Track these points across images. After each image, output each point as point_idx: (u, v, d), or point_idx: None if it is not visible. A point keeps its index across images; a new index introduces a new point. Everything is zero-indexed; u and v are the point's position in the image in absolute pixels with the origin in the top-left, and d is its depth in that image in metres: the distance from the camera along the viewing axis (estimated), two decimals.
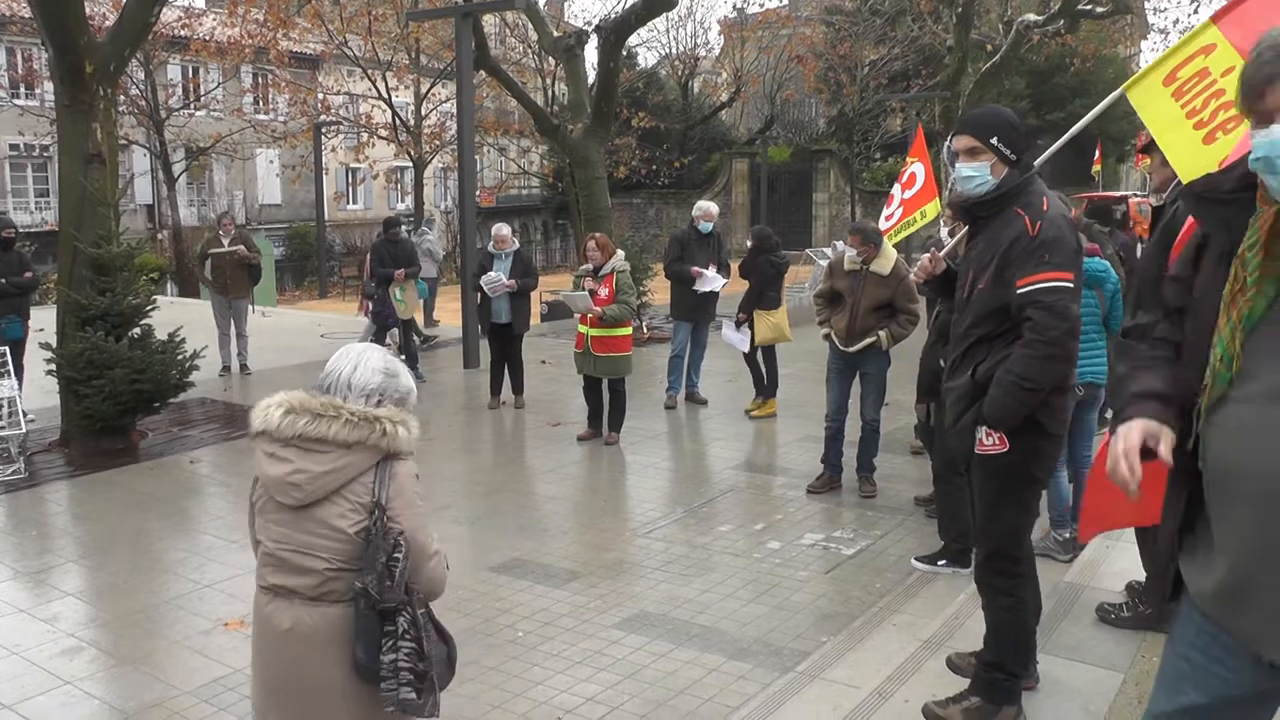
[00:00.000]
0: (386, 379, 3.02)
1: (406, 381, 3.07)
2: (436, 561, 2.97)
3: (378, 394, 2.99)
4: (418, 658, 2.84)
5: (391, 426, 2.91)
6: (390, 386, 3.01)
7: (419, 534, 2.91)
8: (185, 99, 32.05)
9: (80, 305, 9.13)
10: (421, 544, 2.91)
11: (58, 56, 9.02)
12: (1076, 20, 21.72)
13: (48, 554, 6.84)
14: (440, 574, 3.00)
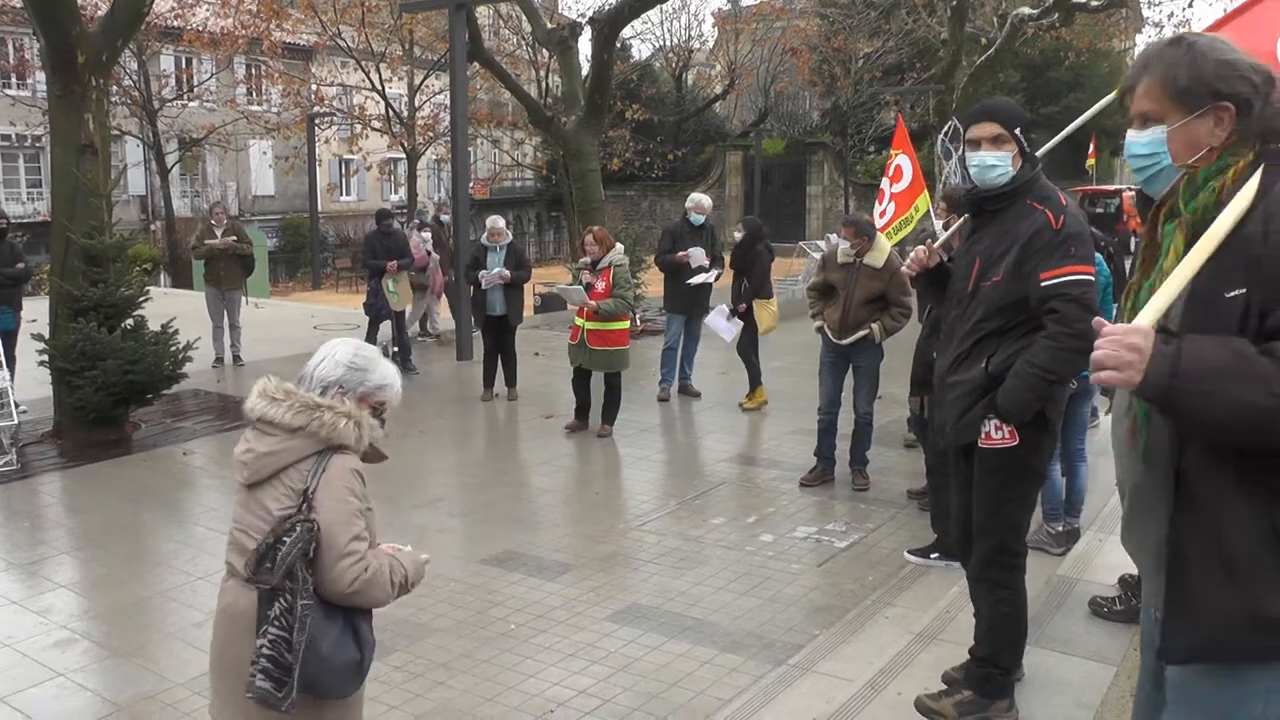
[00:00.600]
0: (349, 372, 3.01)
1: (377, 379, 3.03)
2: (349, 563, 2.83)
3: (336, 386, 2.99)
4: (283, 648, 2.76)
5: (333, 417, 2.92)
6: (352, 380, 3.01)
7: (334, 528, 2.84)
8: (178, 90, 31.96)
9: (73, 296, 9.11)
10: (333, 538, 2.84)
11: (50, 46, 8.98)
12: (1071, 14, 21.72)
13: (40, 546, 6.83)
14: (349, 576, 2.83)
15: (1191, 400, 1.99)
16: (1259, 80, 2.19)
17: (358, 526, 2.88)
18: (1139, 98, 2.29)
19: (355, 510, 2.90)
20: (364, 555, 2.86)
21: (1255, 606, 2.05)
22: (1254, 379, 1.94)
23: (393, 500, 7.66)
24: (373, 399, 3.03)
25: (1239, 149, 2.18)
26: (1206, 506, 2.12)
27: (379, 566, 2.90)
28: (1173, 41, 2.28)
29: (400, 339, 12.36)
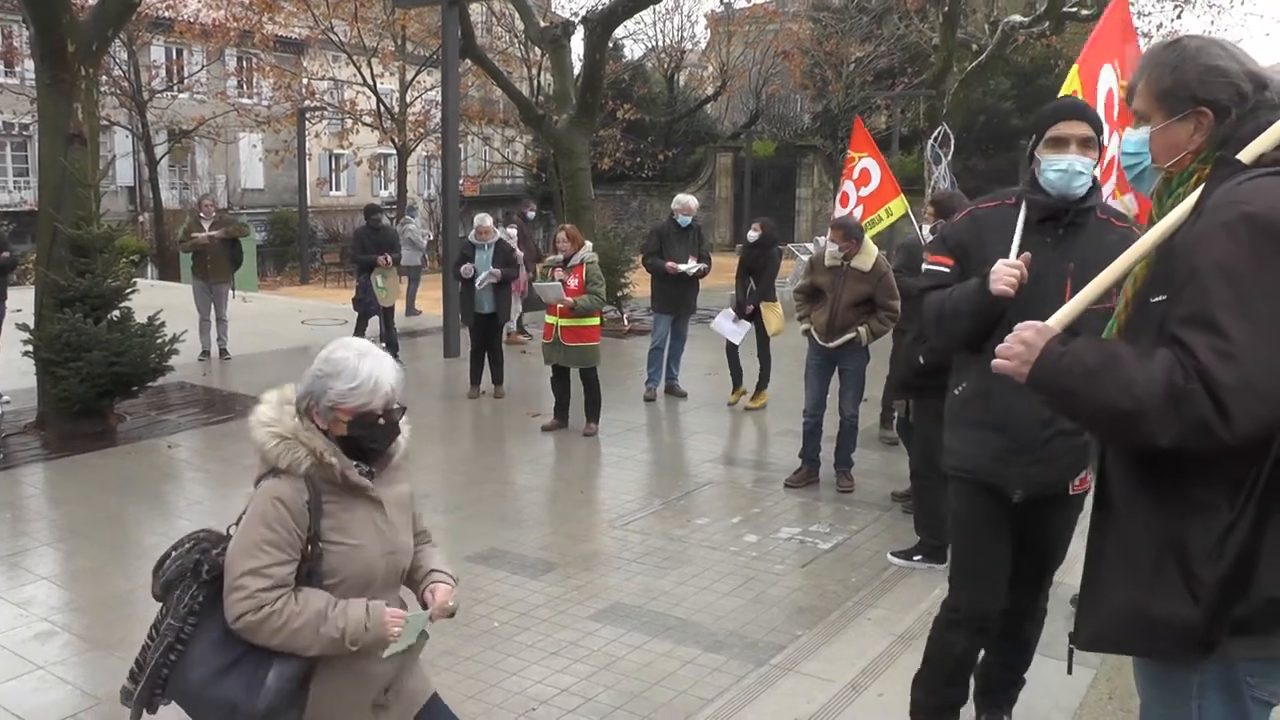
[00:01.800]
0: (314, 381, 2.78)
1: (342, 384, 2.74)
2: (235, 597, 2.63)
3: (307, 398, 2.79)
4: (142, 651, 2.72)
5: (265, 435, 2.74)
6: (318, 389, 2.77)
7: (230, 557, 2.69)
8: (168, 81, 31.85)
9: (59, 286, 9.07)
10: (228, 567, 2.69)
11: (39, 35, 8.94)
12: (1062, 22, 21.78)
13: (22, 537, 6.80)
14: (234, 611, 2.64)
15: (1063, 397, 2.15)
16: (1248, 88, 2.17)
17: (255, 560, 2.65)
18: (1136, 97, 2.33)
19: (257, 541, 2.67)
20: (253, 592, 2.62)
21: (1145, 607, 2.12)
22: (1120, 382, 2.02)
23: None
24: (346, 407, 2.75)
25: (1207, 157, 2.19)
26: (1118, 506, 2.22)
27: (287, 611, 2.65)
28: (1169, 44, 2.30)
29: (388, 335, 12.34)
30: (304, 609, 2.66)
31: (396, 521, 2.93)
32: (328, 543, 2.75)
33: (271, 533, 2.68)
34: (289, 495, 2.70)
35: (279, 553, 2.67)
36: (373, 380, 2.76)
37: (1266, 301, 1.94)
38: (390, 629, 2.75)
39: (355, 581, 2.79)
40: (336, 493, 2.78)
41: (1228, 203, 2.02)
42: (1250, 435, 1.94)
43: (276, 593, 2.65)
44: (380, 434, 2.84)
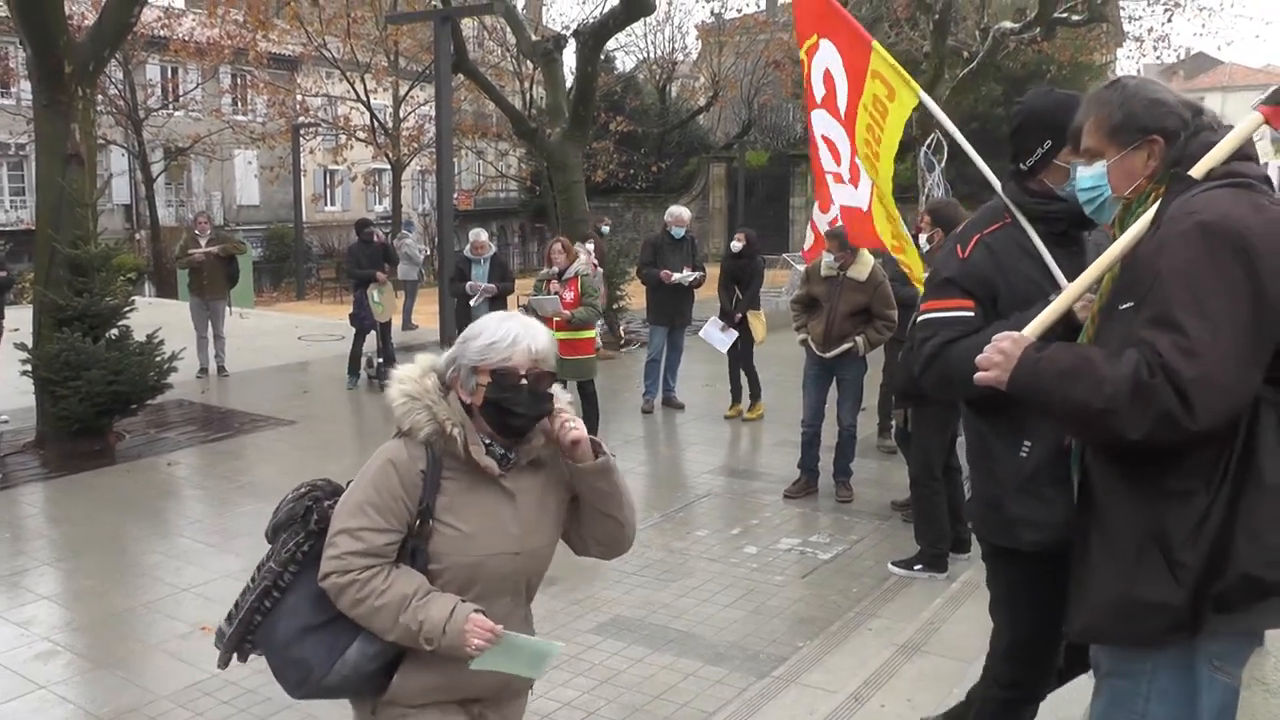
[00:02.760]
0: (457, 347, 2.63)
1: (481, 341, 2.57)
2: (327, 554, 2.52)
3: (449, 365, 2.63)
4: (242, 592, 2.63)
5: (396, 392, 2.61)
6: (458, 353, 2.61)
7: (335, 512, 2.58)
8: (164, 99, 31.90)
9: (57, 305, 9.08)
10: (332, 523, 2.58)
11: (36, 56, 8.97)
12: (1053, 28, 21.86)
13: (22, 556, 6.80)
14: (323, 569, 2.52)
15: (1040, 399, 2.32)
16: (1189, 115, 2.40)
17: (354, 520, 2.51)
18: (1084, 136, 2.52)
19: (360, 501, 2.53)
20: (343, 554, 2.49)
21: (1130, 590, 2.28)
22: (1091, 382, 2.19)
23: None
24: (484, 365, 2.55)
25: (1163, 178, 2.38)
26: (1101, 502, 2.38)
27: (371, 585, 2.49)
28: (1109, 85, 2.52)
29: (385, 349, 12.34)
30: (389, 589, 2.48)
31: (530, 519, 2.66)
32: (439, 522, 2.56)
33: (376, 495, 2.53)
34: (402, 460, 2.55)
35: (379, 518, 2.51)
36: (511, 335, 2.56)
37: (1221, 300, 2.12)
38: (469, 640, 2.46)
39: (458, 574, 2.57)
40: (460, 470, 2.59)
41: (1184, 213, 2.21)
42: (1212, 425, 2.11)
43: (366, 561, 2.49)
44: (523, 399, 2.56)
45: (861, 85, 4.05)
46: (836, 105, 4.34)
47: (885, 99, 3.94)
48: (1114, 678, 2.45)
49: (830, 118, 4.49)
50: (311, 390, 12.36)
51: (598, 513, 2.72)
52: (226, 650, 2.64)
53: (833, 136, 4.62)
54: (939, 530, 6.21)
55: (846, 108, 4.24)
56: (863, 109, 4.06)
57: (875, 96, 3.98)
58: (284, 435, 10.03)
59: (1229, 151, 2.31)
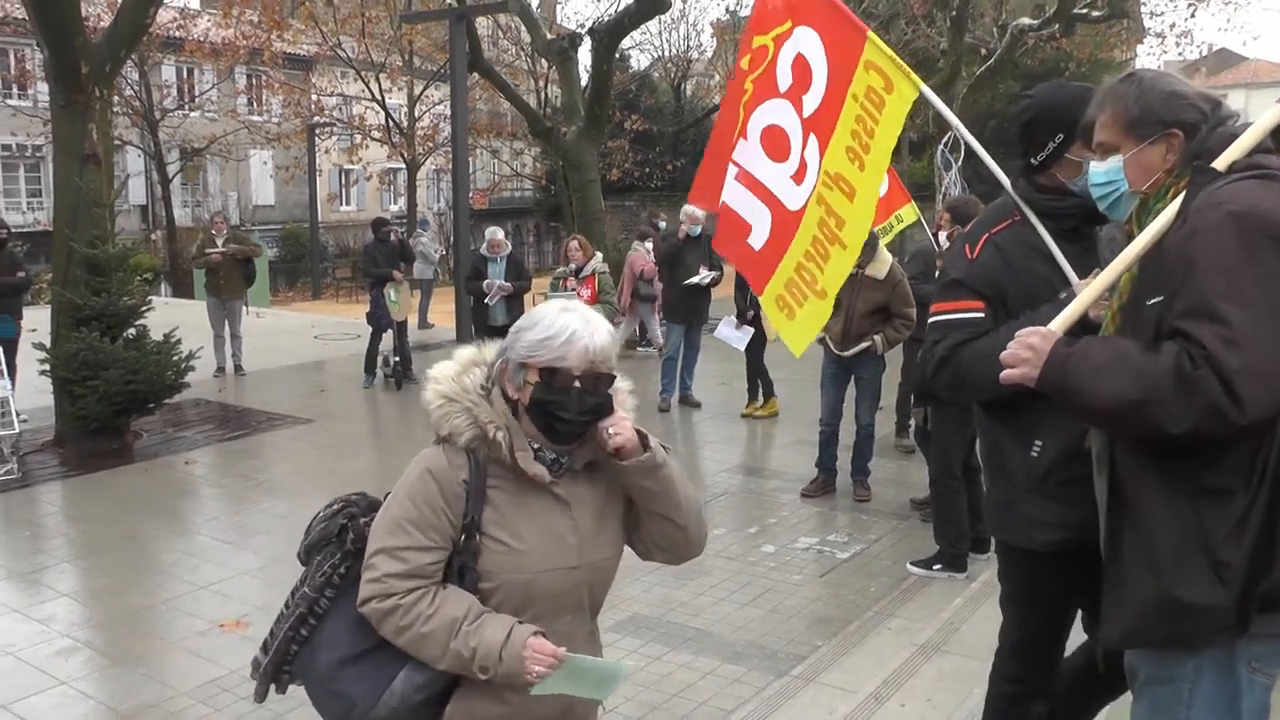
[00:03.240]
0: (510, 337, 2.39)
1: (534, 335, 2.31)
2: (366, 577, 2.32)
3: (499, 358, 2.40)
4: (277, 619, 2.45)
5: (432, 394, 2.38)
6: (510, 344, 2.38)
7: (372, 531, 2.38)
8: (179, 100, 32.04)
9: (75, 305, 9.12)
10: (368, 543, 2.38)
11: (53, 57, 9.01)
12: (1072, 24, 21.79)
13: (41, 554, 6.83)
14: (363, 592, 2.32)
15: (1074, 395, 2.27)
16: (1207, 108, 2.39)
17: (393, 539, 2.30)
18: (1098, 130, 2.50)
19: (397, 518, 2.32)
20: (383, 576, 2.27)
21: (1170, 592, 2.23)
22: (1129, 374, 2.17)
23: None
24: (535, 361, 2.30)
25: (1183, 172, 2.36)
26: (1134, 504, 2.33)
27: (416, 610, 2.27)
28: (1124, 78, 2.49)
29: (401, 349, 12.36)
30: (436, 612, 2.26)
31: (588, 529, 2.41)
32: (487, 537, 2.32)
33: (415, 510, 2.30)
34: (442, 470, 2.32)
35: (420, 535, 2.29)
36: (568, 332, 2.29)
37: (1260, 289, 2.10)
38: (528, 666, 2.23)
39: (512, 593, 2.33)
40: (507, 478, 2.35)
41: (1212, 205, 2.19)
42: (1260, 416, 2.08)
43: (410, 584, 2.27)
44: (572, 403, 2.30)
45: (849, 76, 3.88)
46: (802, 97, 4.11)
47: (882, 91, 3.78)
48: (1154, 685, 2.40)
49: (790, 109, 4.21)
50: (328, 389, 12.38)
51: (653, 515, 2.45)
52: (263, 682, 2.47)
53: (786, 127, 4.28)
54: (958, 530, 6.18)
55: (824, 99, 4.01)
56: (851, 100, 3.88)
57: (870, 88, 3.82)
58: (301, 434, 10.05)
59: (1252, 144, 2.29)
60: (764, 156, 4.37)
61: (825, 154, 4.01)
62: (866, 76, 3.82)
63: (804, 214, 4.15)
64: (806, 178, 4.14)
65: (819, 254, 4.09)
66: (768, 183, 4.36)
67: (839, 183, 3.95)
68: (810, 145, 4.10)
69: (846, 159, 3.91)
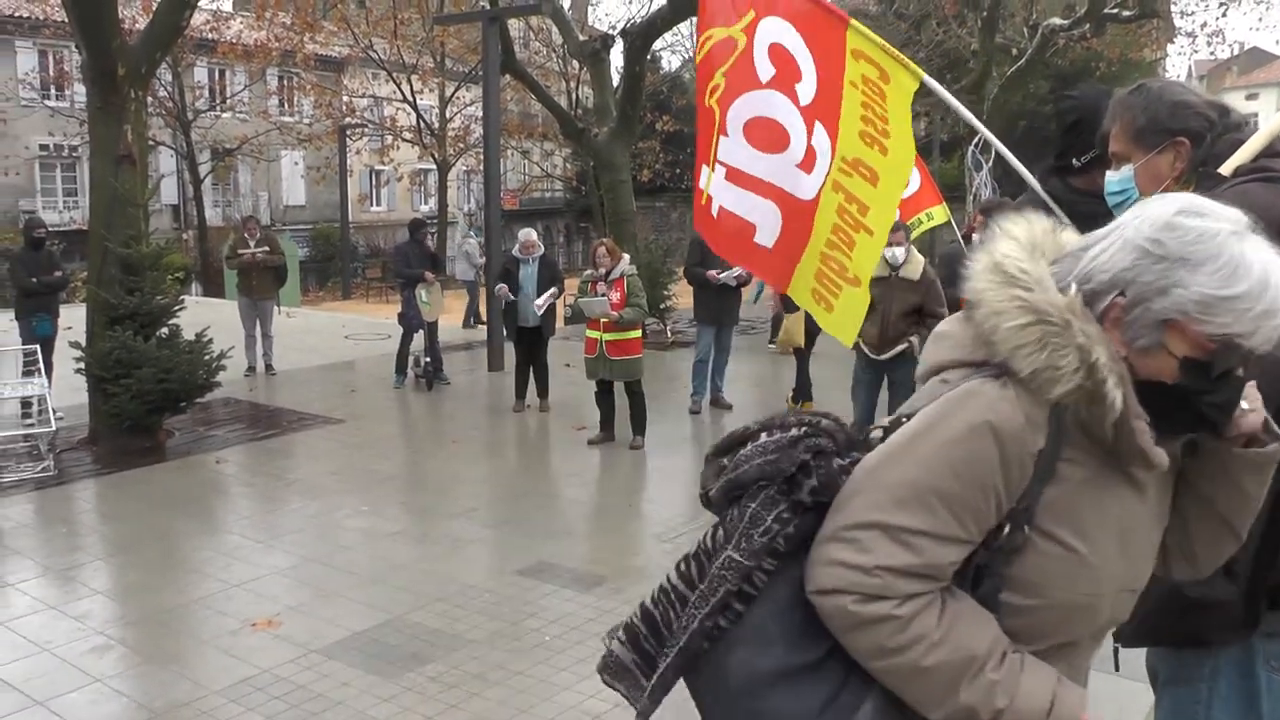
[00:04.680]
0: (1135, 255, 1.58)
1: (1209, 283, 1.52)
2: (839, 555, 1.60)
3: (1109, 283, 1.59)
4: (656, 603, 1.76)
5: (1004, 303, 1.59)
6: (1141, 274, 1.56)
7: (860, 485, 1.64)
8: (211, 101, 32.29)
9: (109, 304, 9.20)
10: (836, 507, 1.64)
11: (91, 59, 9.09)
12: (1103, 24, 21.62)
13: (76, 551, 6.88)
14: (826, 578, 1.61)
15: None
16: (1214, 115, 2.40)
17: (903, 514, 1.56)
18: (1111, 141, 2.54)
19: (919, 486, 1.56)
20: (874, 567, 1.56)
21: (1180, 589, 2.19)
22: None
23: (426, 510, 7.69)
24: (1208, 329, 1.52)
25: (1190, 179, 2.39)
26: None
27: (918, 626, 1.56)
28: (1133, 90, 2.53)
29: (432, 349, 12.38)
30: (946, 639, 1.56)
31: (1156, 534, 1.75)
32: (1041, 533, 1.59)
33: (953, 480, 1.55)
34: (1013, 429, 1.55)
35: (950, 520, 1.56)
36: (1272, 294, 1.51)
37: None
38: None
39: (1047, 620, 1.63)
40: (1090, 453, 1.60)
41: None
42: None
43: (915, 586, 1.57)
44: (1231, 393, 1.60)
45: (840, 64, 3.75)
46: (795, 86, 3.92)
47: (878, 80, 3.66)
48: (1173, 685, 2.41)
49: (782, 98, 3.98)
50: (359, 389, 12.42)
51: (1213, 517, 1.78)
52: (655, 695, 1.75)
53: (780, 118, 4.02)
54: None
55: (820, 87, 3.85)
56: (851, 87, 3.74)
57: (865, 77, 3.69)
58: (332, 434, 10.09)
59: (1257, 149, 2.31)
60: (754, 150, 4.14)
61: (838, 140, 3.87)
62: (858, 65, 3.71)
63: (819, 202, 3.99)
64: (817, 165, 3.98)
65: (844, 242, 3.97)
66: (768, 176, 4.15)
67: (858, 168, 3.82)
68: (818, 132, 3.94)
69: (863, 144, 3.79)
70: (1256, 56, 61.42)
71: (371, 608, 5.77)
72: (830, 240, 3.98)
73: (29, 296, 10.78)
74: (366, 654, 5.19)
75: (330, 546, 6.87)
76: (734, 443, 1.73)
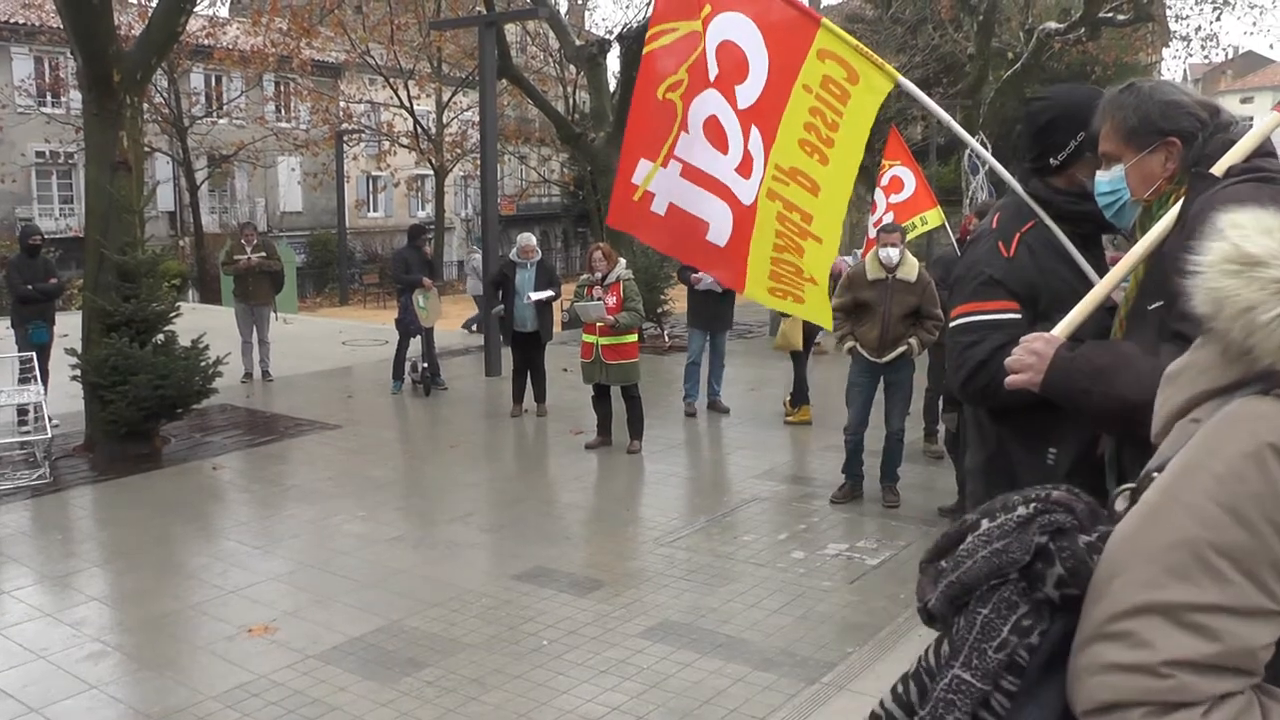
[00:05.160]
0: None
1: None
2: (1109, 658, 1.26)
3: None
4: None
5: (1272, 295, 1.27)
6: None
7: (1118, 561, 1.30)
8: (208, 107, 32.29)
9: (105, 311, 9.18)
10: (1100, 583, 1.30)
11: (86, 65, 9.08)
12: (1098, 28, 21.65)
13: (72, 558, 6.86)
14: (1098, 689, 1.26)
15: (1077, 397, 2.31)
16: (1205, 115, 2.41)
17: (1181, 589, 1.22)
18: (1101, 141, 2.54)
19: (1191, 545, 1.24)
20: (1156, 665, 1.21)
21: None
22: (1130, 377, 2.20)
23: (424, 515, 7.68)
24: None
25: (1183, 179, 2.39)
26: None
27: None
28: (1124, 89, 2.52)
29: (429, 355, 12.37)
30: None
31: None
32: None
33: (1239, 528, 1.21)
34: None
35: (1248, 584, 1.21)
36: None
37: None
38: None
39: None
40: None
41: (1209, 209, 2.19)
42: None
43: (1223, 684, 1.21)
44: None
45: (797, 65, 3.57)
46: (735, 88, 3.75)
47: (844, 81, 3.48)
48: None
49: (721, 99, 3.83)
50: (356, 395, 12.41)
51: None
52: None
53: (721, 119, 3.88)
54: None
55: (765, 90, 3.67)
56: (802, 90, 3.56)
57: (827, 78, 3.50)
58: (329, 439, 10.08)
59: (1248, 150, 2.31)
60: (710, 148, 3.97)
61: (772, 147, 3.71)
62: (821, 66, 3.53)
63: (757, 209, 3.86)
64: (753, 172, 3.84)
65: (790, 247, 3.82)
66: (719, 175, 3.99)
67: (796, 177, 3.67)
68: (754, 138, 3.78)
69: (802, 152, 3.63)
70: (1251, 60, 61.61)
71: (368, 613, 5.76)
72: (777, 244, 3.86)
73: (25, 304, 10.76)
74: (363, 659, 5.18)
75: (327, 552, 6.86)
76: (951, 541, 1.47)
